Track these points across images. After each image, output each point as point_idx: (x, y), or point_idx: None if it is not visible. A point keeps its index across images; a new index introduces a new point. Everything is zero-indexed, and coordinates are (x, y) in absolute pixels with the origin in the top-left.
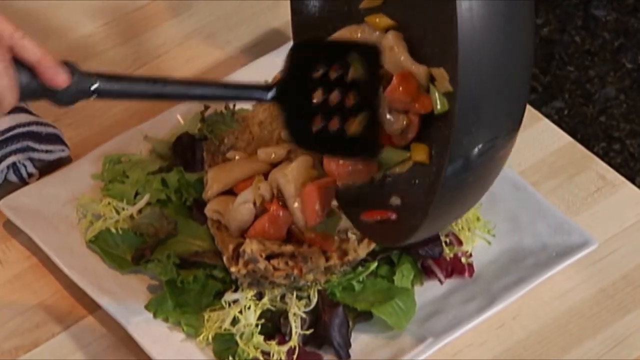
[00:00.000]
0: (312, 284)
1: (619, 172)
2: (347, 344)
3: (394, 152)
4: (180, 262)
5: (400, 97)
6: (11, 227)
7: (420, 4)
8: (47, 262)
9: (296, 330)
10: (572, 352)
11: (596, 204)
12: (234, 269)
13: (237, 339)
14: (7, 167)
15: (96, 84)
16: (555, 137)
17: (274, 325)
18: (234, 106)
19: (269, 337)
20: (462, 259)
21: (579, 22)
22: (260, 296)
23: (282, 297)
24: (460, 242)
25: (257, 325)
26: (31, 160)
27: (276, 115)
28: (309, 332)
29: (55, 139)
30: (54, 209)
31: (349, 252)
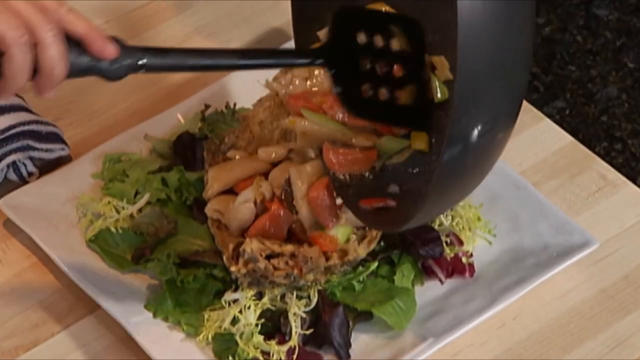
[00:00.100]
0: (312, 284)
1: (621, 172)
2: (347, 344)
3: (394, 140)
4: (180, 261)
5: None
6: (11, 226)
7: None
8: (47, 261)
9: (296, 330)
10: (572, 353)
11: (597, 204)
12: (234, 269)
13: (237, 338)
14: (7, 166)
15: (144, 59)
16: (556, 137)
17: (274, 325)
18: (235, 105)
19: (269, 336)
20: (463, 259)
21: (580, 22)
22: (260, 296)
23: (282, 297)
24: (461, 242)
25: (257, 324)
26: (31, 159)
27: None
28: (309, 332)
29: (55, 138)
30: (54, 208)
31: (349, 252)
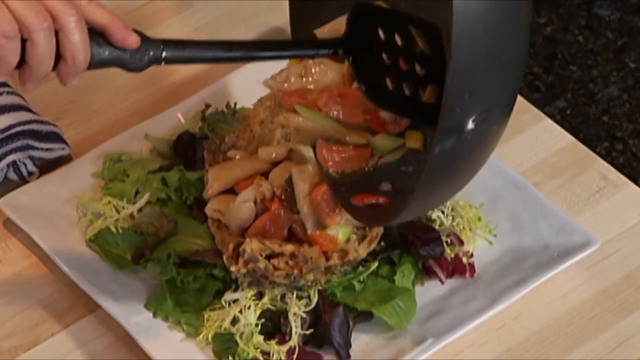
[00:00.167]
0: (313, 284)
1: (622, 172)
2: (347, 344)
3: (388, 138)
4: (180, 261)
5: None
6: (11, 226)
7: None
8: (47, 261)
9: (296, 330)
10: (573, 353)
11: (598, 204)
12: (233, 268)
13: (237, 338)
14: (7, 166)
15: (164, 52)
16: (557, 137)
17: (274, 325)
18: (235, 105)
19: (269, 336)
20: (463, 259)
21: (582, 22)
22: (260, 296)
23: (282, 297)
24: (461, 242)
25: (257, 324)
26: (31, 158)
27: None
28: (309, 332)
29: (55, 138)
30: (54, 207)
31: (350, 252)
